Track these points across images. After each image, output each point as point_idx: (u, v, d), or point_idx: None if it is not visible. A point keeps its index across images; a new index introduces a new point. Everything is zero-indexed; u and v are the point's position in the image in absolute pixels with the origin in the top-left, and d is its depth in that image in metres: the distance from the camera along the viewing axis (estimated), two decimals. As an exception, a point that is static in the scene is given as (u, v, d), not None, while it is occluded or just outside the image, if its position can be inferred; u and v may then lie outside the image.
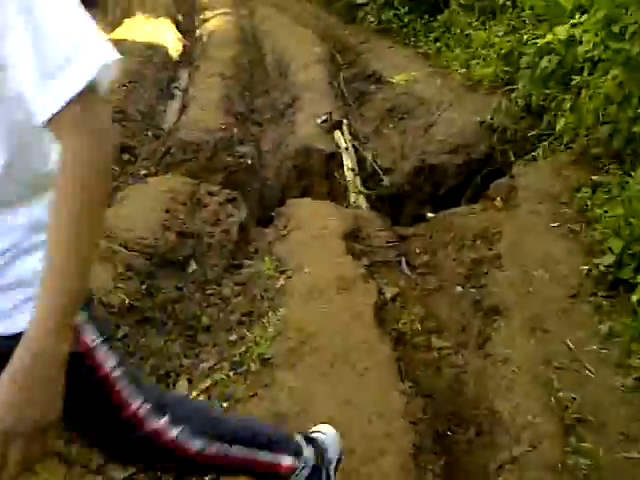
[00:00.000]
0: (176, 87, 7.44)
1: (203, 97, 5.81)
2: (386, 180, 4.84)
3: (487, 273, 2.91)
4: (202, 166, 4.96)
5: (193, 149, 5.03)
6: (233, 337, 2.85)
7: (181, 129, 5.30)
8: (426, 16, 6.25)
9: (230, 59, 6.83)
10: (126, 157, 5.55)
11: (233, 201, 4.16)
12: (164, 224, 3.54)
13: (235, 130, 5.34)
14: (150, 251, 3.31)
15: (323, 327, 2.58)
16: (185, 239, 3.54)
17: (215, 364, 2.76)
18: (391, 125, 5.38)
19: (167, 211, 3.68)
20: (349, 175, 4.59)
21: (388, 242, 3.62)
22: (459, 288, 2.97)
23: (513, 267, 2.87)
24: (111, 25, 9.78)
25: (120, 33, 8.55)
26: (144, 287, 3.14)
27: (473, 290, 2.90)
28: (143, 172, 5.24)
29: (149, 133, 5.94)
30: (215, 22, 8.45)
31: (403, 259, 3.40)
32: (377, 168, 4.92)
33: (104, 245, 3.22)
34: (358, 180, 4.58)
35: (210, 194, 4.14)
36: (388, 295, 2.92)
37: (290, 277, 3.12)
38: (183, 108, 6.00)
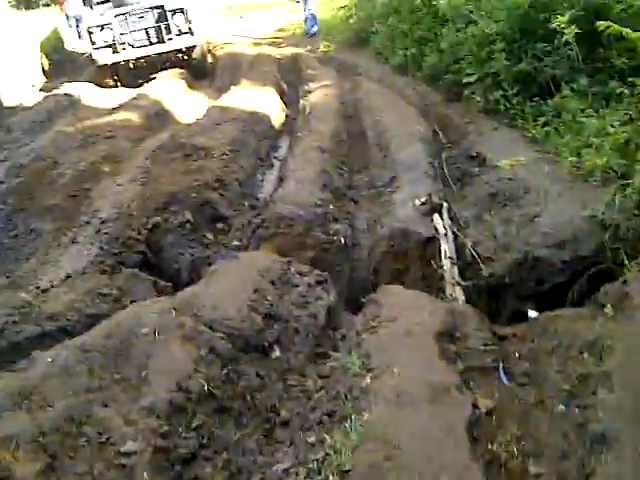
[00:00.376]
0: (275, 157, 7.49)
1: (300, 170, 5.77)
2: (485, 270, 4.60)
3: (594, 393, 2.63)
4: (294, 242, 4.88)
5: (286, 223, 4.96)
6: (312, 439, 2.67)
7: (276, 202, 5.26)
8: (535, 99, 6.04)
9: (330, 132, 6.81)
10: (220, 226, 5.56)
11: (323, 283, 4.02)
12: (251, 305, 3.43)
13: (330, 206, 5.25)
14: (235, 333, 3.20)
15: (410, 442, 2.37)
16: (271, 322, 3.41)
17: (290, 467, 2.59)
18: (493, 211, 5.15)
19: (255, 291, 3.58)
20: (446, 263, 4.39)
21: (485, 344, 3.37)
22: (562, 406, 2.69)
23: (625, 389, 2.58)
24: (218, 91, 10.06)
25: (226, 99, 8.75)
26: (225, 372, 3.02)
27: (578, 411, 2.62)
28: (235, 243, 5.22)
29: (245, 203, 5.94)
30: (318, 94, 8.51)
31: (501, 365, 3.15)
32: (476, 256, 4.69)
33: (190, 323, 3.14)
34: (455, 270, 4.36)
35: (300, 274, 4.02)
36: (483, 409, 2.67)
37: (377, 377, 2.93)
38: (280, 180, 5.97)
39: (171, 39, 11.07)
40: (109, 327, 3.11)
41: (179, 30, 11.07)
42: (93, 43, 10.90)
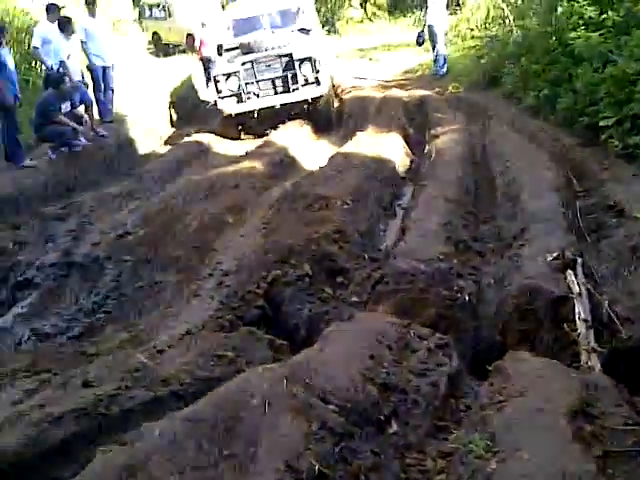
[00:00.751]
0: (399, 204, 7.31)
1: (424, 221, 5.56)
2: (625, 333, 4.18)
3: None
4: (415, 298, 4.66)
5: (407, 279, 4.75)
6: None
7: (397, 256, 5.07)
8: (680, 143, 5.58)
9: (456, 180, 6.57)
10: (339, 280, 5.42)
11: (444, 347, 3.77)
12: (367, 373, 3.23)
13: (454, 261, 5.00)
14: (348, 406, 3.01)
15: None
16: (388, 393, 3.20)
17: None
18: (633, 267, 4.72)
19: (371, 357, 3.39)
20: (580, 326, 4.01)
21: (626, 423, 3.00)
22: None
23: None
24: (344, 137, 10.05)
25: (350, 146, 8.70)
26: (338, 450, 2.83)
27: None
28: (354, 299, 5.05)
29: (366, 255, 5.78)
30: (445, 138, 8.29)
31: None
32: (614, 318, 4.28)
33: (302, 394, 2.99)
34: (591, 334, 3.97)
35: (420, 337, 3.79)
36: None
37: (503, 461, 2.65)
38: (402, 232, 5.77)
39: (297, 89, 10.82)
40: (219, 397, 3.00)
41: (305, 80, 10.76)
42: (219, 92, 10.92)
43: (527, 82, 9.00)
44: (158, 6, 22.09)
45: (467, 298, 4.67)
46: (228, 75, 10.81)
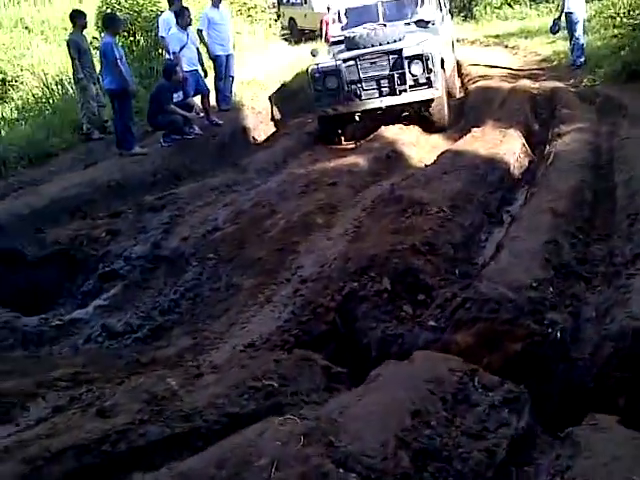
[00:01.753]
0: (508, 211, 6.63)
1: (522, 239, 4.93)
2: None
3: None
4: (498, 330, 4.08)
5: (491, 307, 4.17)
6: None
7: (484, 279, 4.49)
8: None
9: (570, 190, 5.83)
10: (422, 297, 4.90)
11: (514, 402, 3.20)
12: (404, 435, 2.74)
13: (550, 289, 4.35)
14: (371, 476, 2.55)
15: None
16: (425, 462, 2.70)
17: None
18: None
19: (416, 413, 2.89)
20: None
21: None
22: None
23: None
24: (461, 131, 9.38)
25: (463, 143, 8.08)
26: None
27: None
28: (431, 323, 4.52)
29: (457, 271, 5.22)
30: (568, 139, 7.49)
31: None
32: None
33: (318, 458, 2.56)
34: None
35: (485, 388, 3.25)
36: None
37: None
38: (496, 249, 5.16)
39: (405, 90, 9.42)
40: (224, 451, 2.64)
41: (415, 80, 9.34)
42: (316, 90, 9.68)
43: (671, 78, 7.97)
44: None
45: (559, 335, 4.04)
46: (326, 72, 9.54)
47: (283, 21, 22.97)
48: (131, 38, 13.50)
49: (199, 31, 11.07)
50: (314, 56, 9.89)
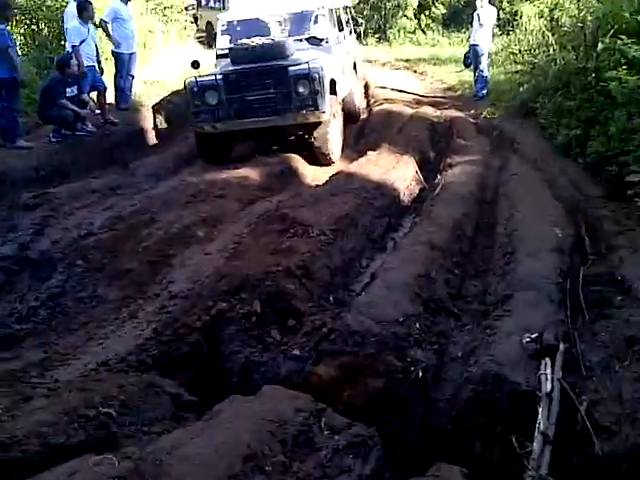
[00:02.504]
0: (393, 238, 6.57)
1: (394, 270, 4.84)
2: (598, 447, 3.41)
3: None
4: (361, 364, 3.96)
5: (355, 340, 4.05)
6: None
7: (352, 310, 4.36)
8: None
9: (452, 222, 5.82)
10: (292, 323, 4.74)
11: (360, 446, 3.06)
12: (233, 481, 2.55)
13: (417, 325, 4.27)
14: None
15: None
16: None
17: None
18: (627, 362, 3.93)
19: (251, 456, 2.70)
20: (537, 441, 3.25)
21: None
22: None
23: None
24: (358, 152, 9.32)
25: (356, 165, 8.02)
26: None
27: None
28: (296, 352, 4.36)
29: (331, 297, 5.08)
30: (458, 170, 7.55)
31: None
32: (589, 426, 3.51)
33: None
34: (546, 455, 3.21)
35: (332, 430, 3.09)
36: None
37: None
38: (370, 279, 5.06)
39: (289, 111, 8.55)
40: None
41: (301, 101, 8.50)
42: (194, 105, 8.72)
43: (561, 118, 8.15)
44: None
45: (420, 374, 3.95)
46: (205, 87, 8.60)
47: (201, 24, 22.55)
48: (33, 27, 12.86)
49: (103, 22, 10.64)
50: (195, 68, 8.98)
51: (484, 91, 12.89)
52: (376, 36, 21.72)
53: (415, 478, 2.94)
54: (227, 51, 9.33)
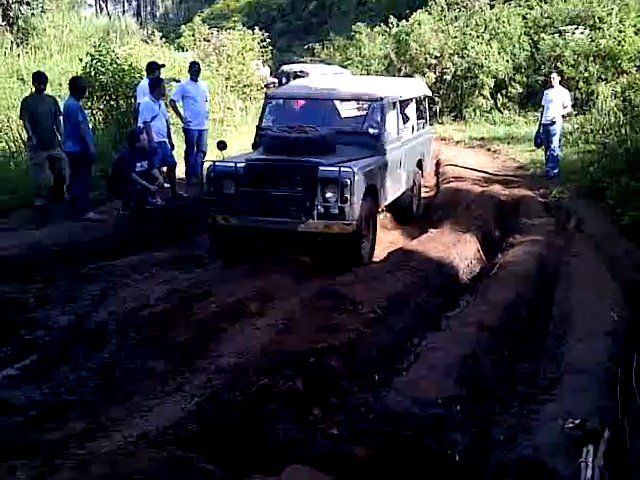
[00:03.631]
0: (448, 317, 6.45)
1: (440, 350, 4.75)
2: None
3: None
4: (396, 447, 3.86)
5: (392, 422, 3.96)
6: None
7: (392, 390, 4.28)
8: None
9: (506, 303, 5.69)
10: (335, 401, 4.68)
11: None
12: None
13: (457, 407, 4.14)
14: None
15: None
16: None
17: None
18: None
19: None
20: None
21: None
22: None
23: None
24: (420, 230, 9.28)
25: (416, 242, 8.00)
26: None
27: None
28: (333, 431, 4.29)
29: (376, 376, 5.01)
30: (519, 249, 7.43)
31: None
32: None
33: None
34: None
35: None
36: None
37: None
38: (414, 358, 4.97)
39: (311, 217, 7.24)
40: None
41: (326, 208, 7.21)
42: (210, 193, 7.71)
43: (628, 200, 7.96)
44: (298, 76, 22.42)
45: (457, 459, 3.81)
46: (223, 174, 7.53)
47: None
48: (112, 102, 13.59)
49: (172, 101, 11.14)
50: (221, 149, 8.12)
51: (555, 170, 12.74)
52: (452, 115, 21.83)
53: None
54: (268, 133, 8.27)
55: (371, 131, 8.30)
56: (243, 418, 4.62)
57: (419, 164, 10.49)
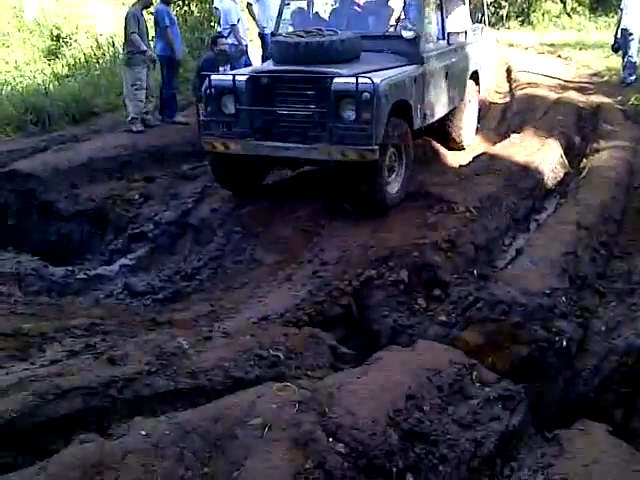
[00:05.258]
0: (536, 219, 6.65)
1: (542, 247, 4.97)
2: None
3: None
4: (506, 332, 4.16)
5: (502, 309, 4.25)
6: None
7: (498, 281, 4.56)
8: None
9: (599, 205, 5.84)
10: (437, 293, 4.99)
11: (509, 399, 3.28)
12: (395, 416, 2.85)
13: (562, 298, 4.40)
14: (359, 448, 2.66)
15: None
16: (411, 443, 2.80)
17: None
18: None
19: (410, 397, 2.99)
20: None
21: None
22: None
23: None
24: (500, 136, 9.36)
25: (499, 147, 8.09)
26: (329, 496, 2.50)
27: None
28: (442, 318, 4.61)
29: (475, 271, 5.28)
30: (605, 154, 7.47)
31: None
32: None
33: (307, 425, 2.67)
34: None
35: (482, 383, 3.33)
36: None
37: None
38: (516, 254, 5.21)
39: (320, 140, 5.92)
40: (222, 408, 2.77)
41: (345, 129, 5.75)
42: (207, 113, 6.40)
43: None
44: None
45: (564, 343, 4.10)
46: (222, 90, 6.19)
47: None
48: (185, 8, 13.65)
49: (249, 4, 11.12)
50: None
51: (632, 77, 12.45)
52: (519, 19, 21.22)
53: (561, 430, 3.13)
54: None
55: (405, 34, 6.64)
56: (352, 306, 4.98)
57: (474, 77, 8.69)
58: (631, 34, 12.29)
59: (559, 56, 16.90)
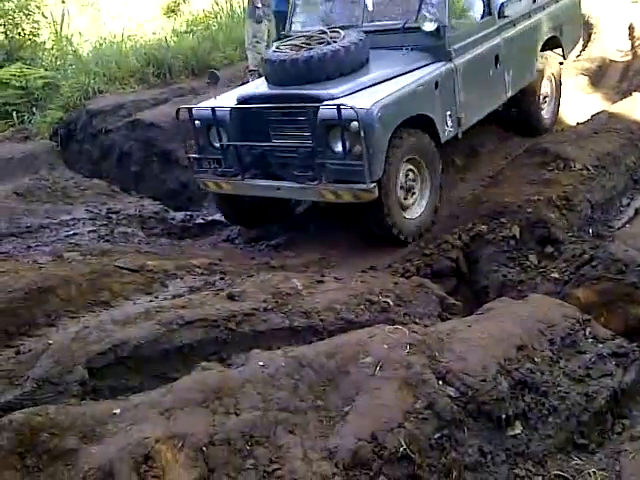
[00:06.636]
0: (657, 181, 6.37)
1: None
2: None
3: None
4: (621, 292, 4.06)
5: (618, 268, 4.14)
6: None
7: (616, 240, 4.43)
8: None
9: None
10: (549, 250, 4.91)
11: (622, 356, 3.23)
12: (506, 364, 2.87)
13: (684, 260, 4.24)
14: (469, 393, 2.71)
15: None
16: (521, 392, 2.82)
17: None
18: None
19: (521, 348, 3.00)
20: None
21: None
22: None
23: None
24: (617, 95, 8.96)
25: (621, 105, 7.76)
26: (437, 436, 2.56)
27: None
28: (554, 275, 4.54)
29: (590, 230, 5.16)
30: None
31: None
32: None
33: (417, 367, 2.74)
34: None
35: (595, 339, 3.29)
36: None
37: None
38: (635, 214, 5.04)
39: (314, 175, 4.92)
40: (335, 345, 2.87)
41: (337, 164, 4.81)
42: (199, 148, 5.60)
43: None
44: None
45: (683, 306, 3.97)
46: (207, 122, 5.35)
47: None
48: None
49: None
50: (211, 82, 6.61)
51: None
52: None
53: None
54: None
55: (425, 26, 5.27)
56: (460, 260, 4.98)
57: (552, 43, 7.08)
58: None
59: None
